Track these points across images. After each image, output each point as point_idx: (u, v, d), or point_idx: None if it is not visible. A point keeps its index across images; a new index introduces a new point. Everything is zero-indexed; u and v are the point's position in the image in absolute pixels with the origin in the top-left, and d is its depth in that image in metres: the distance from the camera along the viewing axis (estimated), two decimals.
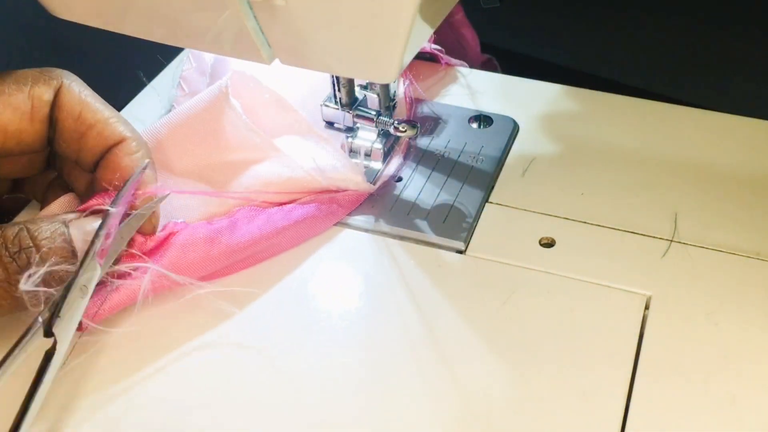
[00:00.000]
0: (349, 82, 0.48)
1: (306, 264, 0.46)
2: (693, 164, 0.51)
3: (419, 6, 0.34)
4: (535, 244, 0.46)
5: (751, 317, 0.42)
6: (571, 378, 0.40)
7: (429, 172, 0.51)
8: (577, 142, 0.53)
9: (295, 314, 0.43)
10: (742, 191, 0.49)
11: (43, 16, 0.44)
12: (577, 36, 0.72)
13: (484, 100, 0.57)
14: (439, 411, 0.39)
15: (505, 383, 0.40)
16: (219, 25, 0.38)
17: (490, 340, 0.42)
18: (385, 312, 0.43)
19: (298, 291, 0.45)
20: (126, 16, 0.41)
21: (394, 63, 0.36)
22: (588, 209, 0.48)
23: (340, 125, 0.51)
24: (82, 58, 0.67)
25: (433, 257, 0.46)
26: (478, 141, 0.53)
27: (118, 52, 0.63)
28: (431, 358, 0.41)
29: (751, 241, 0.46)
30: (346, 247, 0.47)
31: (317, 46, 0.37)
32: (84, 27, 0.43)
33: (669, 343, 0.41)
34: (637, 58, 0.70)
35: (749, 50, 0.66)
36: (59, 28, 0.46)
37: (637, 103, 0.56)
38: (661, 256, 0.45)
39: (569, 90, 0.57)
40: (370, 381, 0.40)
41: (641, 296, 0.43)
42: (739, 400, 0.39)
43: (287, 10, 0.35)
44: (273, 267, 0.46)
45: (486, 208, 0.49)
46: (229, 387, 0.40)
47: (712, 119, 0.54)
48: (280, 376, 0.41)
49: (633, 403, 0.39)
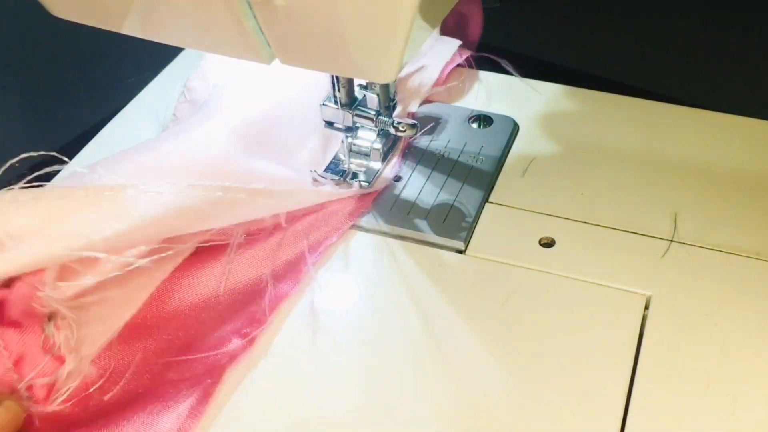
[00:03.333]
0: (348, 82, 0.48)
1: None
2: (693, 164, 0.51)
3: (419, 6, 0.34)
4: (535, 244, 0.46)
5: (751, 317, 0.42)
6: (571, 378, 0.40)
7: (429, 172, 0.51)
8: (577, 142, 0.53)
9: (295, 314, 0.43)
10: (742, 191, 0.49)
11: (42, 16, 0.44)
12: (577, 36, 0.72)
13: (484, 100, 0.57)
14: (439, 411, 0.39)
15: (505, 383, 0.40)
16: (218, 25, 0.38)
17: (490, 339, 0.42)
18: (385, 312, 0.43)
19: (297, 290, 0.45)
20: (125, 16, 0.41)
21: (394, 63, 0.36)
22: (588, 209, 0.48)
23: (340, 125, 0.51)
24: (82, 58, 0.67)
25: (433, 257, 0.46)
26: (478, 141, 0.53)
27: (118, 52, 0.63)
28: (431, 358, 0.41)
29: (751, 241, 0.46)
30: (346, 247, 0.47)
31: (317, 46, 0.37)
32: (84, 27, 0.43)
33: (669, 343, 0.41)
34: (638, 58, 0.70)
35: (749, 50, 0.66)
36: (59, 27, 0.46)
37: (637, 103, 0.56)
38: (661, 256, 0.45)
39: (569, 90, 0.57)
40: (369, 380, 0.40)
41: (641, 296, 0.43)
42: (739, 400, 0.39)
43: (287, 10, 0.35)
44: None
45: (486, 208, 0.49)
46: (226, 385, 0.40)
47: (712, 119, 0.54)
48: (279, 375, 0.41)
49: (633, 403, 0.39)
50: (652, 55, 0.69)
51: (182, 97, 0.55)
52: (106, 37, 0.44)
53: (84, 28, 0.43)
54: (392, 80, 0.41)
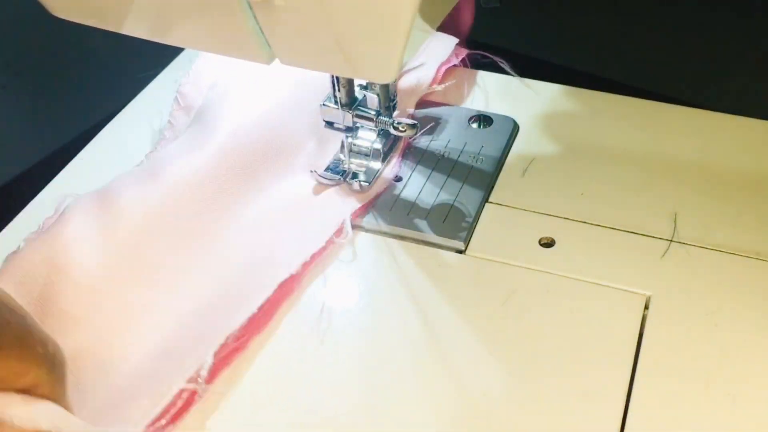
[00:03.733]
0: (348, 82, 0.48)
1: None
2: (693, 164, 0.51)
3: (419, 6, 0.34)
4: (534, 244, 0.46)
5: (751, 317, 0.42)
6: (570, 378, 0.40)
7: (429, 172, 0.51)
8: (577, 142, 0.53)
9: (294, 313, 0.43)
10: (742, 191, 0.49)
11: (43, 16, 0.44)
12: (577, 36, 0.72)
13: (483, 100, 0.57)
14: (439, 410, 0.39)
15: (505, 383, 0.40)
16: (218, 25, 0.38)
17: (489, 339, 0.42)
18: (385, 312, 0.43)
19: (297, 290, 0.45)
20: (125, 16, 0.41)
21: (394, 63, 0.36)
22: (588, 209, 0.48)
23: (340, 125, 0.51)
24: (82, 58, 0.67)
25: (433, 257, 0.46)
26: (478, 141, 0.53)
27: (117, 52, 0.63)
28: (431, 357, 0.41)
29: (751, 241, 0.46)
30: (346, 247, 0.47)
31: (317, 46, 0.37)
32: (84, 27, 0.43)
33: (669, 343, 0.41)
34: (637, 58, 0.70)
35: (749, 50, 0.66)
36: (59, 27, 0.46)
37: (637, 103, 0.56)
38: (661, 256, 0.45)
39: (569, 90, 0.57)
40: (369, 380, 0.40)
41: (641, 296, 0.43)
42: (739, 400, 0.39)
43: (287, 10, 0.35)
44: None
45: (486, 208, 0.49)
46: (226, 386, 0.40)
47: (712, 119, 0.54)
48: (278, 374, 0.41)
49: (632, 403, 0.39)
50: (652, 55, 0.69)
51: (176, 103, 0.55)
52: (106, 37, 0.44)
53: (84, 28, 0.43)
54: (392, 80, 0.41)
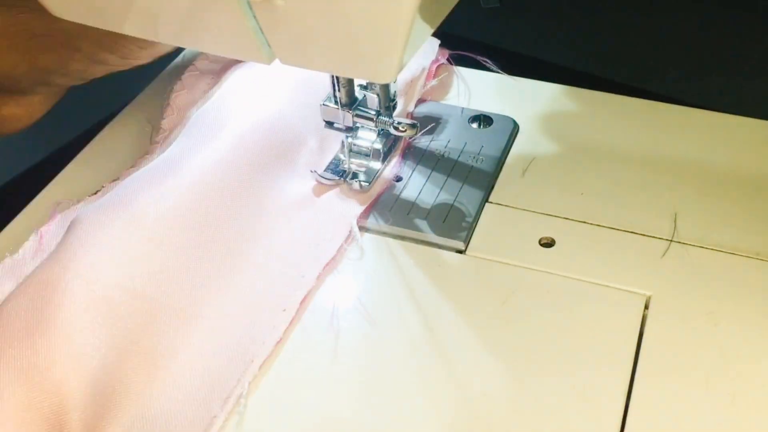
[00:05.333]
0: (348, 82, 0.48)
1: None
2: (693, 164, 0.51)
3: (419, 6, 0.34)
4: (534, 244, 0.46)
5: (751, 317, 0.42)
6: (570, 378, 0.40)
7: (429, 172, 0.51)
8: (577, 142, 0.53)
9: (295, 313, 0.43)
10: (742, 191, 0.49)
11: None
12: (577, 36, 0.72)
13: (484, 100, 0.57)
14: (438, 411, 0.39)
15: (505, 383, 0.40)
16: (218, 25, 0.38)
17: (489, 339, 0.42)
18: (385, 312, 0.43)
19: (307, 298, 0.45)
20: (126, 16, 0.41)
21: (394, 63, 0.36)
22: (588, 209, 0.48)
23: (340, 125, 0.51)
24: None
25: (433, 257, 0.46)
26: (478, 141, 0.53)
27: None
28: (431, 357, 0.41)
29: (751, 241, 0.46)
30: (346, 247, 0.47)
31: (317, 46, 0.37)
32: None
33: (669, 343, 0.41)
34: (638, 58, 0.70)
35: (749, 50, 0.66)
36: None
37: (637, 103, 0.56)
38: (661, 256, 0.45)
39: (569, 90, 0.57)
40: (369, 380, 0.40)
41: (641, 296, 0.43)
42: (739, 400, 0.39)
43: (287, 10, 0.35)
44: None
45: (486, 208, 0.49)
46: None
47: (712, 119, 0.54)
48: (278, 375, 0.41)
49: (632, 403, 0.39)
50: (652, 55, 0.69)
51: (168, 109, 0.55)
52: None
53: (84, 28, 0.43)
54: (392, 80, 0.41)
